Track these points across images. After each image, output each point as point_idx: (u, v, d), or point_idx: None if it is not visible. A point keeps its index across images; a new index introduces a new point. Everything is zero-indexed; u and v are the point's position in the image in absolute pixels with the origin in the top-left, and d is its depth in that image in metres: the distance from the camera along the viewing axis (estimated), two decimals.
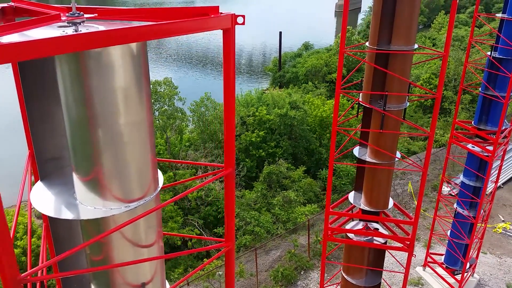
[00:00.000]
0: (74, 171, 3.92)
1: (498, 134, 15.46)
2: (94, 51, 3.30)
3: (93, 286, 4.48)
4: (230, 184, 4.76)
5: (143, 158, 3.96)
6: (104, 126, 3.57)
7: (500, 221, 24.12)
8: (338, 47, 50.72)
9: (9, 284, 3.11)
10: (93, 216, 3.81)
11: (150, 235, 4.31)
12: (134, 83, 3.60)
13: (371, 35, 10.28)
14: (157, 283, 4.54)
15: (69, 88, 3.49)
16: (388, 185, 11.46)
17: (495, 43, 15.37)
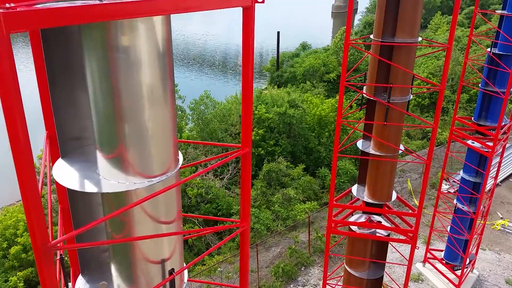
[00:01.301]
0: (98, 149, 3.99)
1: (498, 129, 15.60)
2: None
3: (113, 264, 4.54)
4: (246, 164, 4.83)
5: (165, 138, 4.04)
6: (130, 113, 3.72)
7: (498, 218, 24.30)
8: (335, 47, 50.92)
9: (40, 250, 3.16)
10: (117, 189, 3.87)
11: (171, 212, 4.37)
12: (158, 73, 3.71)
13: (376, 27, 10.39)
14: (176, 261, 4.60)
15: (98, 81, 3.63)
16: (392, 177, 11.56)
17: (495, 39, 15.53)
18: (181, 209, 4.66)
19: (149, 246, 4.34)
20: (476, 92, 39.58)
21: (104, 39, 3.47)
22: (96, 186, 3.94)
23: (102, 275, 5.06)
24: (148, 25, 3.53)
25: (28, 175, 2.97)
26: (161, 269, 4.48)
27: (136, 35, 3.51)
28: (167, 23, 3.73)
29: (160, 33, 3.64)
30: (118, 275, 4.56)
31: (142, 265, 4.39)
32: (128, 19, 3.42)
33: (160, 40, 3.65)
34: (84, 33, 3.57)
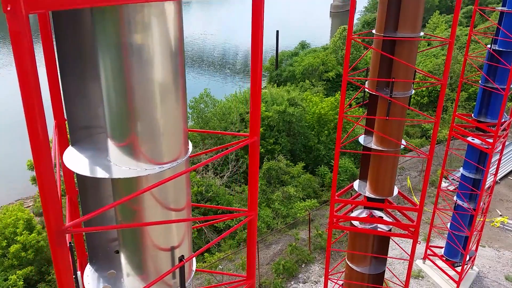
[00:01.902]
0: (110, 138, 4.01)
1: (498, 126, 15.66)
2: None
3: (123, 252, 4.56)
4: (255, 153, 4.85)
5: (176, 127, 4.07)
6: (143, 105, 3.77)
7: (497, 216, 24.38)
8: (334, 46, 50.96)
9: (54, 233, 3.18)
10: (128, 175, 3.89)
11: (180, 199, 4.39)
12: (171, 71, 3.80)
13: (378, 22, 10.42)
14: (185, 249, 4.62)
15: (111, 78, 3.70)
16: (393, 172, 11.60)
17: (495, 35, 15.59)
18: (190, 198, 4.69)
19: (159, 233, 4.36)
20: (474, 90, 39.71)
21: (118, 36, 3.51)
22: (107, 172, 3.96)
23: (110, 264, 5.07)
24: (160, 23, 3.58)
25: (43, 158, 2.99)
26: (170, 256, 4.51)
27: (149, 33, 3.55)
28: (179, 21, 3.77)
29: (172, 31, 3.69)
30: (128, 263, 4.58)
31: (152, 252, 4.41)
32: (141, 17, 3.46)
33: (172, 38, 3.70)
34: (97, 30, 3.63)
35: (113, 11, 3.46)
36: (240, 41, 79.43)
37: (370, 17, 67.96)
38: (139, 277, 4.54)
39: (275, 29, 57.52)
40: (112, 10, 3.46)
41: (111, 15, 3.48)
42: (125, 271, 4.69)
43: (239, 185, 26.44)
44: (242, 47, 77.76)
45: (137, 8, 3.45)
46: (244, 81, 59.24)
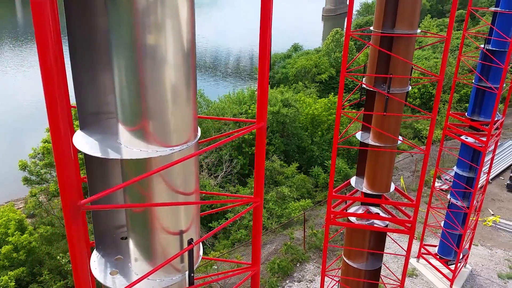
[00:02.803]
0: (121, 122, 4.03)
1: (492, 124, 15.86)
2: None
3: (131, 237, 4.57)
4: (261, 138, 4.89)
5: (187, 110, 4.10)
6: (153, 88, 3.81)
7: (489, 215, 24.63)
8: (327, 49, 51.28)
9: (70, 209, 3.19)
10: (139, 156, 3.91)
11: (189, 183, 4.41)
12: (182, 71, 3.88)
13: (376, 19, 10.53)
14: (194, 233, 4.63)
15: (124, 76, 3.82)
16: (391, 168, 11.70)
17: (488, 35, 15.81)
18: (199, 184, 4.71)
19: (168, 217, 4.37)
20: (466, 92, 40.14)
21: (133, 38, 3.59)
22: (118, 153, 3.98)
23: (116, 250, 5.07)
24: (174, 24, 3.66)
25: (61, 133, 3.01)
26: (179, 241, 4.52)
27: (163, 35, 3.63)
28: (192, 24, 3.85)
29: (185, 33, 3.78)
30: (136, 248, 4.59)
31: (161, 236, 4.42)
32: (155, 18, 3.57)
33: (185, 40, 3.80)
34: (112, 31, 3.70)
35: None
36: (232, 44, 79.58)
37: (363, 20, 68.49)
38: (147, 262, 4.55)
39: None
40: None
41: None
42: (133, 256, 4.69)
43: (233, 185, 26.44)
44: (233, 50, 77.89)
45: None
46: (236, 83, 59.32)
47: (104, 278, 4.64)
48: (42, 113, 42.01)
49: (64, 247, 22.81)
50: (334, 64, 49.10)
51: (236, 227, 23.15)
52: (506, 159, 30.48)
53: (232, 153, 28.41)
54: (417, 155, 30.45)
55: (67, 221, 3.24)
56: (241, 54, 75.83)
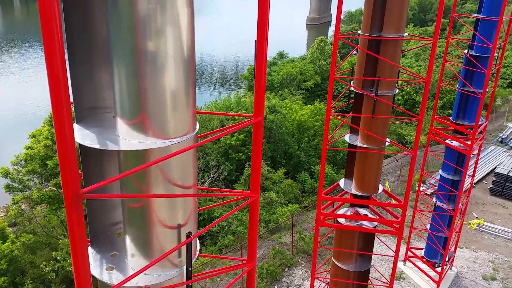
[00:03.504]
0: (119, 117, 4.03)
1: (476, 127, 16.17)
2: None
3: (128, 232, 4.54)
4: (258, 133, 4.92)
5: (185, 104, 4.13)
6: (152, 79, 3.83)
7: (473, 218, 25.01)
8: (312, 56, 51.74)
9: (71, 197, 3.17)
10: (138, 147, 3.90)
11: (187, 176, 4.41)
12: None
13: (364, 23, 10.70)
14: (191, 228, 4.63)
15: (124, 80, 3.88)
16: (378, 169, 11.83)
17: (471, 41, 16.17)
18: (196, 178, 4.71)
19: (166, 211, 4.36)
20: (449, 98, 40.88)
21: (134, 44, 3.66)
22: (116, 144, 3.97)
23: (111, 246, 5.03)
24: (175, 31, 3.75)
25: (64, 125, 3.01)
26: (176, 235, 4.51)
27: (163, 41, 3.71)
28: (192, 32, 3.94)
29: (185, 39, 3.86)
30: (133, 243, 4.57)
31: (158, 230, 4.40)
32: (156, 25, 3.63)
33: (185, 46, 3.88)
34: (114, 40, 3.75)
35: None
36: (217, 52, 79.72)
37: (346, 28, 69.30)
38: (145, 257, 4.52)
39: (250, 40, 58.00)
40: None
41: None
42: (129, 252, 4.66)
43: (221, 192, 26.35)
44: (218, 58, 78.03)
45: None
46: (221, 91, 59.34)
47: (101, 273, 4.59)
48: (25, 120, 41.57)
49: (47, 255, 22.41)
50: (319, 72, 49.55)
51: (224, 232, 23.05)
52: (489, 163, 31.04)
53: (219, 159, 28.36)
54: (402, 160, 30.81)
55: (68, 210, 3.22)
56: (226, 62, 76.03)
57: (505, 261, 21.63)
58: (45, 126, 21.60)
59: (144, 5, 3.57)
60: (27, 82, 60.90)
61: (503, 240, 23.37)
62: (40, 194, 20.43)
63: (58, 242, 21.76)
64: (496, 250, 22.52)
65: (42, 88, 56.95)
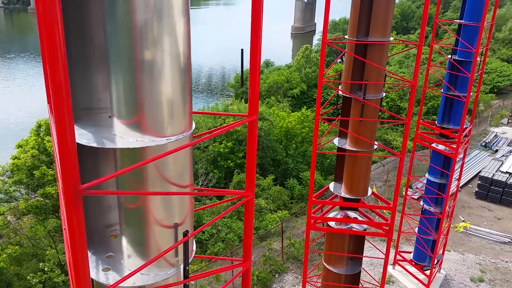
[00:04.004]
0: (116, 117, 4.06)
1: (461, 131, 16.46)
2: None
3: (124, 232, 4.54)
4: (253, 132, 4.97)
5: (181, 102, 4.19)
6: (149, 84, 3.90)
7: (460, 221, 25.33)
8: (298, 64, 52.17)
9: (71, 193, 3.19)
10: (136, 145, 3.93)
11: (184, 175, 4.44)
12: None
13: (350, 28, 10.89)
14: (188, 226, 4.65)
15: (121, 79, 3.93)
16: (367, 172, 11.96)
17: (454, 46, 16.52)
18: (193, 179, 4.75)
19: (162, 210, 4.38)
20: (433, 104, 41.50)
21: (131, 53, 3.73)
22: (113, 143, 3.99)
23: (106, 248, 5.02)
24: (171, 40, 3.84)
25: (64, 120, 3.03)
26: (173, 235, 4.52)
27: (160, 50, 3.79)
28: (188, 42, 4.06)
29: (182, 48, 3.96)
30: (129, 244, 4.57)
31: (155, 230, 4.42)
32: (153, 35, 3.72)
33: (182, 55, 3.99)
34: (111, 48, 3.82)
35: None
36: (202, 61, 79.83)
37: (330, 37, 70.03)
38: (141, 257, 4.52)
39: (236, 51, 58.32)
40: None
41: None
42: (126, 253, 4.66)
43: (210, 199, 26.30)
44: (204, 68, 78.13)
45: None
46: (208, 100, 59.37)
47: (97, 274, 4.58)
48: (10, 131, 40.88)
49: (34, 266, 22.07)
50: (305, 79, 49.95)
51: (213, 240, 22.97)
52: (474, 168, 31.53)
53: (208, 167, 28.34)
54: (388, 165, 31.13)
55: (67, 206, 3.23)
56: (212, 71, 76.18)
57: (492, 262, 21.92)
58: (31, 136, 21.37)
59: (141, 15, 3.65)
60: (12, 93, 60.22)
61: (489, 243, 23.70)
62: (27, 205, 20.16)
63: (46, 253, 21.45)
64: (483, 252, 22.82)
65: (27, 99, 56.36)
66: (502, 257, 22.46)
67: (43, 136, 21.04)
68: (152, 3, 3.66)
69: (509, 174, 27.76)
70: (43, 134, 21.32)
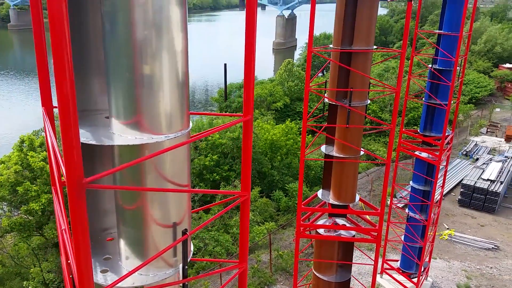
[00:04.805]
0: (115, 118, 4.12)
1: (443, 138, 16.82)
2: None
3: (122, 234, 4.55)
4: (248, 132, 5.05)
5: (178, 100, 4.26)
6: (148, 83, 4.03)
7: (445, 229, 25.67)
8: (280, 78, 52.69)
9: (75, 186, 3.21)
10: (135, 142, 3.98)
11: (182, 174, 4.49)
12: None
13: (335, 37, 11.14)
14: (186, 225, 4.68)
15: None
16: (355, 178, 12.12)
17: (435, 55, 16.97)
18: (190, 180, 4.80)
19: (160, 209, 4.41)
20: (414, 115, 42.25)
21: (131, 68, 3.88)
22: (113, 140, 4.04)
23: (103, 250, 5.01)
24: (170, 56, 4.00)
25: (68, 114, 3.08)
26: (172, 235, 4.55)
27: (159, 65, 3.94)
28: (186, 56, 4.23)
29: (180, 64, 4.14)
30: (127, 246, 4.58)
31: (154, 230, 4.44)
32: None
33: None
34: (111, 64, 3.96)
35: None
36: None
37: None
38: (140, 258, 4.53)
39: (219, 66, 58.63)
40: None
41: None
42: (124, 255, 4.66)
43: (196, 213, 26.14)
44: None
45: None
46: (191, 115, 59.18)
47: (95, 275, 4.56)
48: None
49: (17, 285, 21.54)
50: (288, 93, 50.41)
51: (201, 254, 22.77)
52: (456, 176, 32.10)
53: (194, 180, 28.22)
54: (372, 174, 31.46)
55: (71, 198, 3.26)
56: (196, 86, 76.29)
57: (477, 269, 22.22)
58: (14, 151, 21.06)
59: (141, 31, 3.78)
60: None
61: (474, 249, 24.04)
62: (10, 222, 19.75)
63: (29, 271, 20.97)
64: (468, 259, 23.12)
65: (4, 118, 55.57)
66: (487, 263, 22.79)
67: (26, 152, 20.74)
68: (151, 18, 3.80)
69: (491, 181, 28.33)
70: (26, 150, 21.02)
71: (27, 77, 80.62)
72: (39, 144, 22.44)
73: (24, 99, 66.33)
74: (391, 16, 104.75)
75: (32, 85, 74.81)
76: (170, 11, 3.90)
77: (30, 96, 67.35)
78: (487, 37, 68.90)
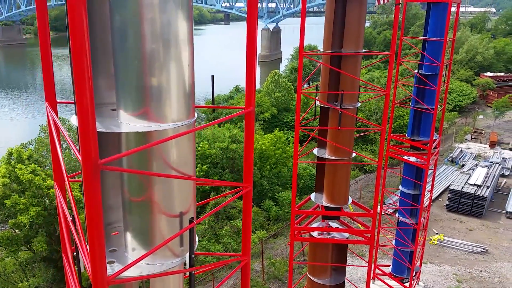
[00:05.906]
0: (123, 110, 4.20)
1: (431, 142, 17.12)
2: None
3: (129, 226, 4.60)
4: (250, 123, 5.17)
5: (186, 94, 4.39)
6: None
7: (434, 234, 25.94)
8: (267, 89, 53.07)
9: (91, 167, 3.28)
10: (143, 129, 4.06)
11: (188, 163, 4.57)
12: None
13: (325, 41, 11.38)
14: (192, 215, 4.75)
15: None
16: (348, 180, 12.27)
17: (420, 61, 17.36)
18: (195, 171, 4.88)
19: (167, 199, 4.48)
20: (399, 123, 42.84)
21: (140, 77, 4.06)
22: (122, 128, 4.11)
23: (109, 243, 5.04)
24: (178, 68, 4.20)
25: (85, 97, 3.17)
26: (178, 224, 4.61)
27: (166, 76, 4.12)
28: (192, 68, 4.44)
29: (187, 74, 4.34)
30: (133, 237, 4.62)
31: (160, 219, 4.49)
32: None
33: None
34: (120, 75, 4.12)
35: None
36: None
37: (296, 64, 71.79)
38: (146, 249, 4.56)
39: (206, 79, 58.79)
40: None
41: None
42: (130, 246, 4.71)
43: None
44: None
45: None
46: None
47: None
48: None
49: None
50: (275, 104, 50.76)
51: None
52: (443, 182, 32.54)
53: None
54: (361, 181, 31.72)
55: (86, 179, 3.32)
56: None
57: (468, 272, 22.46)
58: (2, 164, 20.80)
59: (149, 44, 3.95)
60: None
61: (463, 253, 24.32)
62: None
63: (17, 286, 20.58)
64: (458, 263, 23.37)
65: None
66: (477, 266, 23.06)
67: (14, 164, 20.50)
68: (159, 33, 3.96)
69: (477, 186, 28.79)
70: (14, 162, 20.78)
71: (11, 93, 79.87)
72: (27, 157, 22.20)
73: (7, 114, 65.59)
74: (373, 28, 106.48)
75: (17, 100, 74.09)
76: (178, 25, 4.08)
77: (14, 112, 66.66)
78: (468, 47, 70.50)
